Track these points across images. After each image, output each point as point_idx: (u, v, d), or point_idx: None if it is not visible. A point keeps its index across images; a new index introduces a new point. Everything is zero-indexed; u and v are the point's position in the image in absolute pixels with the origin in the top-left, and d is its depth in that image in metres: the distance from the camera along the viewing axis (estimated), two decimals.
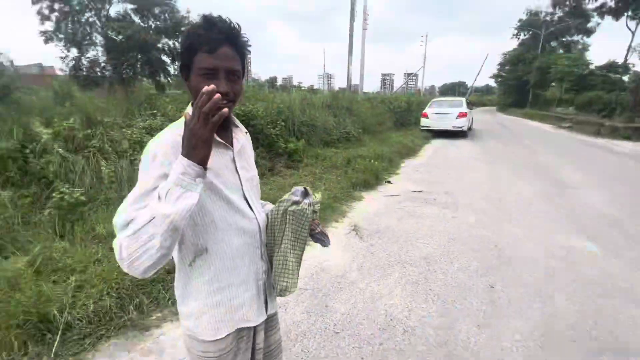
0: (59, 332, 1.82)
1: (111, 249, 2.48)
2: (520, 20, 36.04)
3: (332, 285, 2.52)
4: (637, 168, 7.01)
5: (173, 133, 0.79)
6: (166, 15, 12.33)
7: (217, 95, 0.63)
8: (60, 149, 3.77)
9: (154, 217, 0.66)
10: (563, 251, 3.10)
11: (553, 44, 33.64)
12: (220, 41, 0.76)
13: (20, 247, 2.56)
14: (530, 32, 33.93)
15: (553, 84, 27.39)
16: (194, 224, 0.80)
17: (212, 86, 0.64)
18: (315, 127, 7.97)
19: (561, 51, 31.98)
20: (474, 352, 1.86)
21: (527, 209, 4.26)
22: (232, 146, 0.89)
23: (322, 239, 1.08)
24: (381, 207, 4.35)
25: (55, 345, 1.78)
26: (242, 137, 0.95)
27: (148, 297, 2.19)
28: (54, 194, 3.15)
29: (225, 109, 0.65)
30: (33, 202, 3.30)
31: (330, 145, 7.84)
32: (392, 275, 2.67)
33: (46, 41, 12.54)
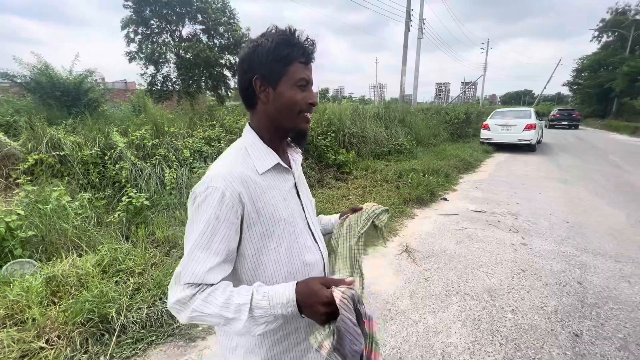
0: (115, 334, 1.91)
1: (167, 254, 2.54)
2: (602, 21, 32.03)
3: (382, 312, 2.32)
4: None
5: (241, 164, 0.73)
6: (229, 33, 13.31)
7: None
8: (132, 157, 4.16)
9: (233, 319, 0.64)
10: None
11: None
12: (313, 54, 0.76)
13: (93, 246, 2.81)
14: (616, 34, 29.88)
15: None
16: (256, 265, 0.74)
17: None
18: (366, 139, 7.82)
19: None
20: None
21: (619, 240, 3.58)
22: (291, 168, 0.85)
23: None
24: (436, 227, 4.00)
25: (111, 346, 1.86)
26: (297, 157, 0.88)
27: None
28: (123, 198, 3.45)
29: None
30: (107, 205, 3.65)
31: (381, 157, 7.60)
32: (450, 307, 2.37)
33: (130, 60, 14.31)
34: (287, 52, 0.71)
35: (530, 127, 10.27)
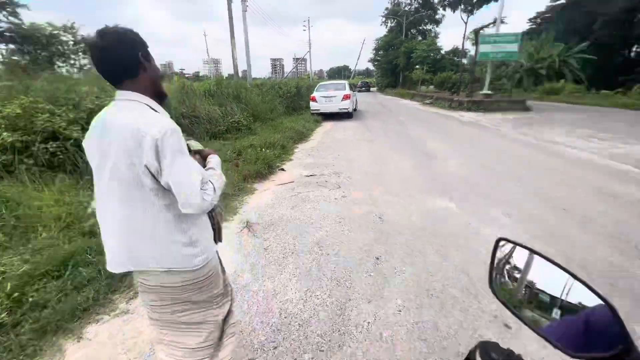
0: None
1: None
2: (386, 9, 40.48)
3: None
4: (479, 134, 8.79)
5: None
6: None
7: None
8: None
9: (221, 185, 1.19)
10: (431, 212, 3.59)
11: (413, 31, 39.11)
12: None
13: None
14: (395, 20, 38.56)
15: (417, 66, 32.10)
16: None
17: None
18: (199, 119, 7.24)
19: (419, 38, 37.53)
20: (366, 330, 1.93)
21: (403, 180, 4.80)
22: None
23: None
24: (275, 197, 4.22)
25: None
26: None
27: None
28: None
29: None
30: None
31: (217, 137, 7.26)
32: (287, 268, 2.58)
33: None
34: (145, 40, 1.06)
35: (346, 97, 12.12)
